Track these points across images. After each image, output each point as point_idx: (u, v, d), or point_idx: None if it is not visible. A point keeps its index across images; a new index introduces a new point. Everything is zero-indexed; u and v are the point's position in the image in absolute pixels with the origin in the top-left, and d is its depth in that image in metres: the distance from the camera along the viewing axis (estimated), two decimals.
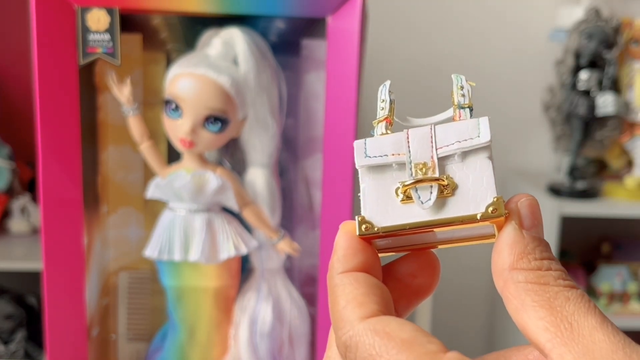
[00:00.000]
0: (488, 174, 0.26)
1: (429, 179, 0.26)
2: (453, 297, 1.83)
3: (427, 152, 0.26)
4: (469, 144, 0.26)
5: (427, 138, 0.26)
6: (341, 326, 0.24)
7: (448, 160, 0.26)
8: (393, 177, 0.27)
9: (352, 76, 0.70)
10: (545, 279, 0.23)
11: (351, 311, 0.25)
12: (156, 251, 0.76)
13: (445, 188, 0.26)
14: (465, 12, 1.71)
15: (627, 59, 1.59)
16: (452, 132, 0.26)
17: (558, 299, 0.22)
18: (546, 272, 0.23)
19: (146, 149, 0.76)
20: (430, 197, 0.26)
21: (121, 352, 0.85)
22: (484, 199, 0.25)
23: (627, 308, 1.58)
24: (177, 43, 0.79)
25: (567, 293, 0.23)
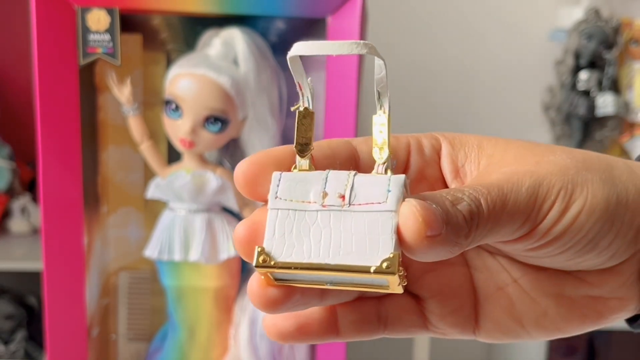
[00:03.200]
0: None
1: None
2: None
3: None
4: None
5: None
6: None
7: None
8: None
9: (352, 76, 0.70)
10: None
11: None
12: (156, 251, 0.76)
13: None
14: (465, 12, 1.71)
15: (627, 59, 1.59)
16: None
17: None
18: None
19: (146, 149, 0.76)
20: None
21: (121, 352, 0.85)
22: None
23: None
24: (177, 43, 0.80)
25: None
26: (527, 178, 0.27)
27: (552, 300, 0.31)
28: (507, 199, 0.27)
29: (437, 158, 0.31)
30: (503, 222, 0.27)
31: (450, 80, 1.69)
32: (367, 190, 0.26)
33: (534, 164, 0.28)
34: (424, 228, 0.25)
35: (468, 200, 0.26)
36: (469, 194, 0.26)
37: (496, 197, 0.27)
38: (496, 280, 0.32)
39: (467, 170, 0.30)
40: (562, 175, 0.28)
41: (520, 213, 0.27)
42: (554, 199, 0.27)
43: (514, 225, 0.27)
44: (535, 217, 0.27)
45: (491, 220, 0.26)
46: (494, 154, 0.29)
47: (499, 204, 0.26)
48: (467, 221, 0.26)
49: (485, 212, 0.26)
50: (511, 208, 0.27)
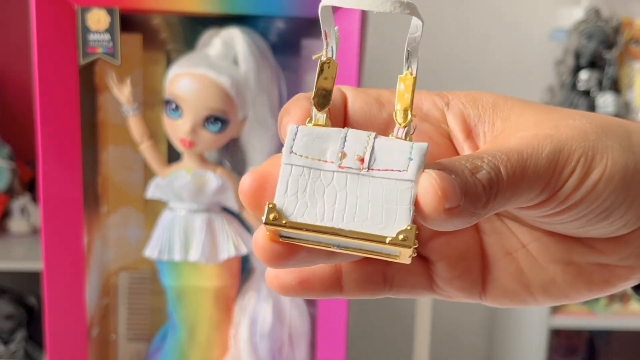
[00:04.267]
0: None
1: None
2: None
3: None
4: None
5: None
6: None
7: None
8: None
9: (352, 76, 0.70)
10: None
11: None
12: (156, 251, 0.76)
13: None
14: (466, 13, 1.71)
15: (627, 59, 1.59)
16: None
17: None
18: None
19: (146, 149, 0.76)
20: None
21: (121, 352, 0.85)
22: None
23: (627, 308, 1.58)
24: (177, 43, 0.79)
25: None
26: (547, 143, 0.27)
27: (560, 267, 0.31)
28: (527, 165, 0.26)
29: (439, 115, 0.30)
30: (522, 189, 0.26)
31: (451, 80, 1.69)
32: (388, 155, 0.25)
33: (553, 128, 0.27)
34: (442, 201, 0.24)
35: (487, 168, 0.25)
36: (488, 161, 0.26)
37: (516, 163, 0.26)
38: (505, 245, 0.31)
39: (480, 130, 0.29)
40: (582, 140, 0.27)
41: (540, 179, 0.26)
42: (574, 165, 0.27)
43: (532, 192, 0.26)
44: (555, 184, 0.27)
45: (510, 188, 0.26)
46: (510, 116, 0.29)
47: (519, 170, 0.26)
48: (486, 191, 0.25)
49: (504, 180, 0.25)
50: (531, 174, 0.26)
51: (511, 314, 1.70)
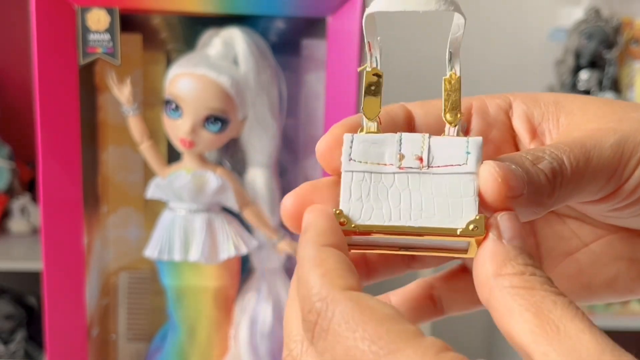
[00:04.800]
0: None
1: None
2: None
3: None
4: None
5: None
6: (315, 292, 0.22)
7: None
8: None
9: (352, 76, 0.70)
10: (530, 284, 0.22)
11: (330, 280, 0.23)
12: (156, 251, 0.76)
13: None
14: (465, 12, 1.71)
15: (627, 59, 1.59)
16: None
17: (545, 303, 0.22)
18: (531, 277, 0.23)
19: (146, 149, 0.76)
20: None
21: (121, 352, 0.85)
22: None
23: (627, 308, 1.58)
24: (177, 43, 0.79)
25: (553, 297, 0.22)
26: (610, 134, 0.27)
27: (624, 264, 0.31)
28: (590, 156, 0.26)
29: (506, 119, 0.30)
30: (587, 180, 0.26)
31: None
32: (445, 152, 0.26)
33: (617, 121, 0.27)
34: (504, 189, 0.24)
35: (549, 158, 0.25)
36: (550, 152, 0.26)
37: (579, 153, 0.26)
38: (565, 247, 0.31)
39: (545, 128, 0.29)
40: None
41: (605, 170, 0.26)
42: (637, 158, 0.26)
43: (598, 183, 0.26)
44: (621, 175, 0.26)
45: (575, 178, 0.25)
46: (573, 111, 0.28)
47: (583, 160, 0.26)
48: (549, 180, 0.25)
49: (568, 169, 0.25)
50: (595, 165, 0.26)
51: None
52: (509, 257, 0.23)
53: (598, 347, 0.21)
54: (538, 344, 0.21)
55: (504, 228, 0.24)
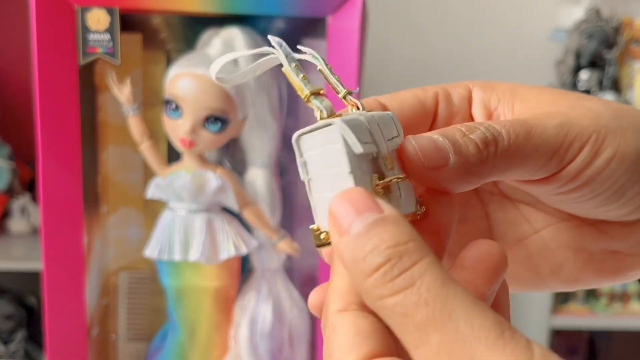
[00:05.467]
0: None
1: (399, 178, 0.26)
2: None
3: (384, 144, 0.25)
4: (398, 142, 0.26)
5: (377, 128, 0.25)
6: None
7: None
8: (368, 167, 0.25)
9: (352, 76, 0.70)
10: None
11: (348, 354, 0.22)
12: (156, 251, 0.76)
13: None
14: (465, 12, 1.71)
15: (627, 59, 1.59)
16: (389, 125, 0.26)
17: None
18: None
19: (146, 149, 0.76)
20: (400, 193, 0.26)
21: (121, 352, 0.85)
22: (410, 195, 0.26)
23: (627, 308, 1.58)
24: (177, 43, 0.79)
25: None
26: (557, 117, 0.27)
27: (570, 252, 0.31)
28: (532, 132, 0.26)
29: (468, 106, 0.30)
30: (526, 155, 0.26)
31: (450, 80, 1.69)
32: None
33: (568, 107, 0.28)
34: (421, 160, 0.25)
35: (483, 129, 0.26)
36: (488, 125, 0.26)
37: (520, 128, 0.26)
38: (516, 232, 0.32)
39: (501, 113, 0.29)
40: (595, 119, 0.27)
41: (547, 148, 0.26)
42: (585, 140, 0.27)
43: (539, 161, 0.26)
44: (563, 156, 0.27)
45: (512, 150, 0.26)
46: (528, 97, 0.29)
47: (523, 135, 0.26)
48: (480, 149, 0.26)
49: (505, 140, 0.26)
50: (537, 140, 0.26)
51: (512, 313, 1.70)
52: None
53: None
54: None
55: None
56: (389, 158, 0.25)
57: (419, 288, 0.21)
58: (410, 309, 0.20)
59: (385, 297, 0.21)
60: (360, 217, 0.22)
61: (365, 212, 0.22)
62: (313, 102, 0.27)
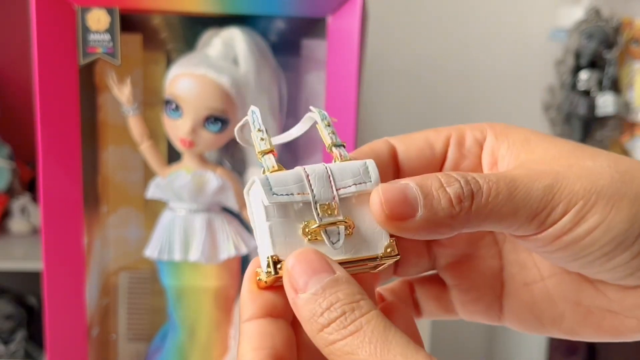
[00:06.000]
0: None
1: (339, 221, 0.27)
2: None
3: (329, 193, 0.28)
4: (363, 188, 0.28)
5: (326, 178, 0.28)
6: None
7: (346, 201, 0.28)
8: (296, 215, 0.28)
9: (352, 76, 0.70)
10: None
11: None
12: (156, 251, 0.76)
13: (348, 228, 0.28)
14: (465, 12, 1.71)
15: (627, 59, 1.59)
16: (347, 174, 0.28)
17: None
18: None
19: (146, 149, 0.76)
20: (339, 239, 0.28)
21: (121, 352, 0.85)
22: (380, 239, 0.28)
23: None
24: (177, 43, 0.79)
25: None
26: (549, 178, 0.27)
27: (570, 305, 0.31)
28: (516, 191, 0.26)
29: (479, 150, 0.31)
30: (506, 213, 0.26)
31: (450, 80, 1.69)
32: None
33: (566, 166, 0.27)
34: (384, 212, 0.26)
35: (463, 182, 0.26)
36: (470, 178, 0.26)
37: (504, 186, 0.26)
38: (525, 276, 0.32)
39: (504, 163, 0.30)
40: (591, 183, 0.27)
41: (529, 210, 0.26)
42: (569, 206, 0.26)
43: (517, 220, 0.26)
44: (545, 219, 0.26)
45: (490, 207, 0.26)
46: (535, 150, 0.29)
47: (505, 193, 0.26)
48: (453, 205, 0.26)
49: (484, 197, 0.26)
50: (519, 201, 0.26)
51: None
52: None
53: None
54: None
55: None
56: (332, 205, 0.28)
57: (365, 331, 0.24)
58: (357, 347, 0.24)
59: (337, 341, 0.24)
60: (315, 277, 0.25)
61: (320, 273, 0.25)
62: (262, 159, 0.31)
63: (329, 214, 0.28)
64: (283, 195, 0.28)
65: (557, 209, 0.26)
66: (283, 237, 0.27)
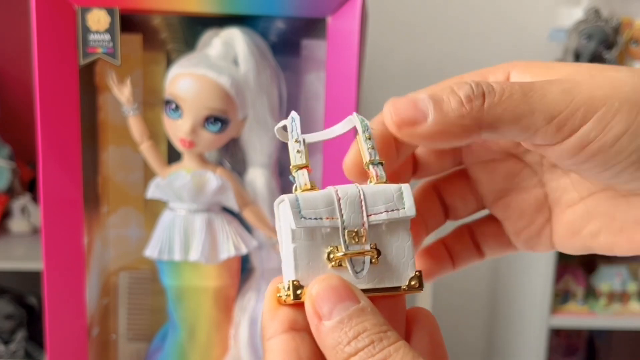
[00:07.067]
0: (408, 246, 0.28)
1: (366, 251, 0.27)
2: (453, 297, 1.84)
3: (359, 219, 0.27)
4: (395, 216, 0.28)
5: (357, 203, 0.27)
6: None
7: (375, 227, 0.28)
8: (323, 239, 0.27)
9: (352, 76, 0.70)
10: None
11: None
12: (156, 251, 0.77)
13: (373, 257, 0.27)
14: (465, 12, 1.71)
15: (627, 59, 1.59)
16: (380, 199, 0.28)
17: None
18: None
19: (146, 149, 0.76)
20: (363, 268, 0.27)
21: (121, 352, 0.85)
22: (405, 270, 0.28)
23: (627, 308, 1.58)
24: (177, 43, 0.80)
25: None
26: (567, 83, 0.26)
27: (606, 221, 0.32)
28: (531, 92, 0.26)
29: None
30: (520, 114, 0.26)
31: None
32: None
33: (588, 76, 0.27)
34: (396, 119, 0.27)
35: (473, 85, 0.26)
36: (480, 81, 0.26)
37: (519, 88, 0.26)
38: (568, 199, 0.33)
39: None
40: (614, 89, 0.26)
41: (546, 112, 0.26)
42: (590, 111, 0.26)
43: (535, 122, 0.26)
44: (564, 123, 0.26)
45: (504, 105, 0.26)
46: (560, 71, 0.28)
47: (519, 93, 0.26)
48: (464, 104, 0.26)
49: (497, 96, 0.26)
50: (535, 103, 0.26)
51: (511, 313, 1.70)
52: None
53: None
54: None
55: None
56: (360, 232, 0.27)
57: (394, 359, 0.24)
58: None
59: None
60: (341, 305, 0.25)
61: (345, 301, 0.25)
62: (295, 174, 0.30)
63: (356, 241, 0.27)
64: (311, 219, 0.27)
65: (577, 113, 0.26)
66: (306, 261, 0.27)
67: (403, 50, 1.69)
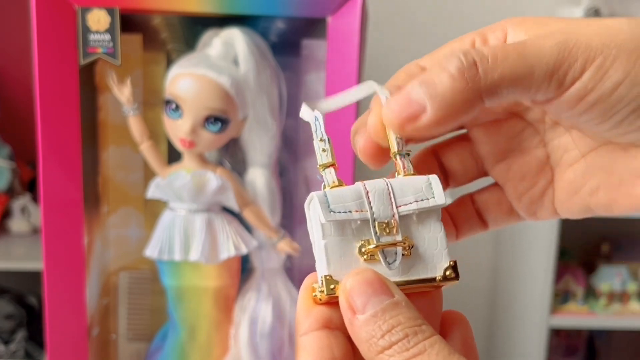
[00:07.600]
0: (441, 236, 0.28)
1: (397, 242, 0.27)
2: (453, 296, 1.83)
3: (388, 211, 0.27)
4: (425, 205, 0.27)
5: (386, 195, 0.27)
6: None
7: (406, 219, 0.28)
8: (353, 233, 0.27)
9: (352, 76, 0.70)
10: None
11: None
12: (156, 251, 0.77)
13: (405, 249, 0.27)
14: (465, 12, 1.71)
15: None
16: (408, 190, 0.28)
17: None
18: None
19: (146, 149, 0.76)
20: (395, 259, 0.27)
21: (121, 352, 0.85)
22: (439, 261, 0.28)
23: (627, 308, 1.58)
24: (177, 43, 0.80)
25: None
26: (561, 35, 0.26)
27: (605, 176, 0.31)
28: (525, 51, 0.25)
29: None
30: (520, 73, 0.25)
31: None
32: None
33: (583, 25, 0.26)
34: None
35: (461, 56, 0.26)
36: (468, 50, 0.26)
37: (512, 49, 0.26)
38: (569, 158, 0.32)
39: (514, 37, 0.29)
40: (610, 37, 0.25)
41: (544, 67, 0.25)
42: (588, 61, 0.25)
43: (535, 80, 0.26)
44: (564, 77, 0.26)
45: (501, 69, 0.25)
46: (552, 23, 0.28)
47: (514, 54, 0.25)
48: (456, 79, 0.26)
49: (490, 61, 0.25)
50: (532, 60, 0.25)
51: (511, 313, 1.70)
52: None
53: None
54: None
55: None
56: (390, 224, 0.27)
57: (429, 354, 0.24)
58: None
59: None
60: (375, 299, 0.25)
61: (379, 295, 0.25)
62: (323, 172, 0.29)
63: (387, 232, 0.27)
64: (340, 213, 0.27)
65: (575, 65, 0.26)
66: (338, 256, 0.27)
67: (403, 50, 1.69)
